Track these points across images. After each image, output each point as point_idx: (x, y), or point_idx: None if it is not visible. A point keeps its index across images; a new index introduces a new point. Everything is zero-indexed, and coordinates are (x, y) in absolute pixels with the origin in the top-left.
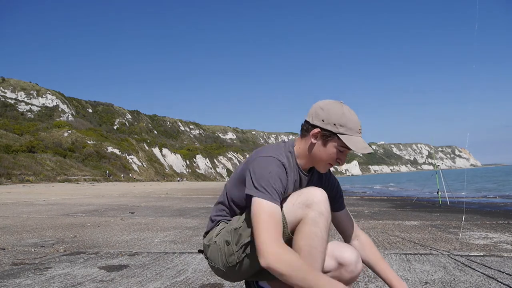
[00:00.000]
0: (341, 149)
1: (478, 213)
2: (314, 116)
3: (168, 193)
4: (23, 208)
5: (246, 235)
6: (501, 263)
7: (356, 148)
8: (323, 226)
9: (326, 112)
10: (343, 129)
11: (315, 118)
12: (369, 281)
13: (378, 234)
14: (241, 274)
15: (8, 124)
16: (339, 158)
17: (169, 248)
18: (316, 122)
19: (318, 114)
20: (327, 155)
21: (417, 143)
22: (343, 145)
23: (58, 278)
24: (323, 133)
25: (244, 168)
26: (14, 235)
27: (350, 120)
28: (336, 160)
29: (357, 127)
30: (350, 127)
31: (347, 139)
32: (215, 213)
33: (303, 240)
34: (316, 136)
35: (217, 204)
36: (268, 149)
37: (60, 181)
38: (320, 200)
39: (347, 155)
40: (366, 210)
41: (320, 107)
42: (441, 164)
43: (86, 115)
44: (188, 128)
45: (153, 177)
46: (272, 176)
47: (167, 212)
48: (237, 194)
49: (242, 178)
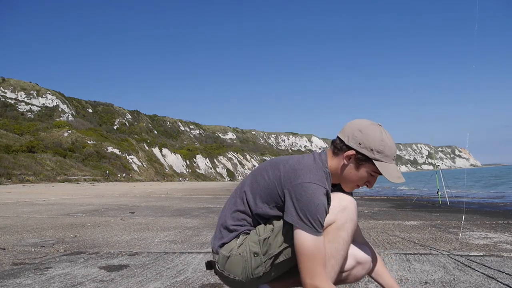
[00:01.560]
0: (373, 174)
1: (478, 213)
2: (350, 137)
3: (168, 193)
4: (23, 208)
5: (275, 245)
6: (501, 263)
7: (391, 178)
8: (351, 231)
9: (365, 135)
10: (380, 155)
11: (352, 140)
12: (369, 281)
13: (378, 234)
14: (258, 283)
15: (8, 124)
16: (368, 181)
17: (169, 248)
18: (352, 144)
19: (355, 136)
20: (358, 178)
21: (417, 143)
22: (376, 171)
23: (58, 278)
24: (358, 157)
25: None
26: (14, 235)
27: (388, 147)
28: (365, 183)
29: (394, 154)
30: (387, 154)
31: (382, 167)
32: (233, 222)
33: (330, 243)
34: (350, 158)
35: (235, 212)
36: (309, 170)
37: (60, 181)
38: (352, 207)
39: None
40: (366, 210)
41: (358, 129)
42: (441, 164)
43: (86, 115)
44: (188, 128)
45: (153, 177)
46: (319, 210)
47: (167, 212)
48: (265, 210)
49: (273, 194)
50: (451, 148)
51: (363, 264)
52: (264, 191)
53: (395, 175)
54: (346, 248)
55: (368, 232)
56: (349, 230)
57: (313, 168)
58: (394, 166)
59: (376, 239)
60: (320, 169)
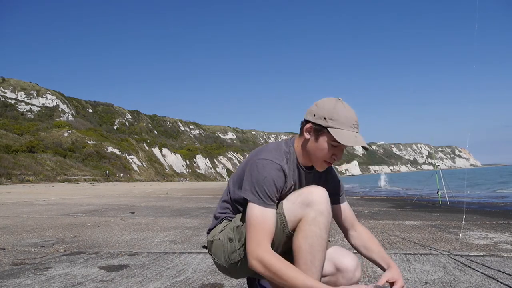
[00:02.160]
0: (334, 144)
1: (478, 213)
2: (308, 112)
3: (168, 193)
4: (23, 208)
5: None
6: (501, 263)
7: (346, 142)
8: (323, 225)
9: (319, 107)
10: (333, 123)
11: (308, 114)
12: (369, 281)
13: (378, 234)
14: (243, 271)
15: (8, 124)
16: (334, 154)
17: (169, 248)
18: (308, 117)
19: (311, 110)
20: (320, 150)
21: (417, 143)
22: (334, 139)
23: (58, 278)
24: (314, 128)
25: (244, 167)
26: (14, 235)
27: (343, 115)
28: (332, 157)
29: (350, 122)
30: (342, 121)
31: (336, 133)
32: (219, 211)
33: (303, 239)
34: (309, 132)
35: (222, 202)
36: (267, 150)
37: (60, 181)
38: (320, 200)
39: (343, 151)
40: (366, 210)
41: (315, 103)
42: (441, 164)
43: (86, 115)
44: (188, 128)
45: (153, 177)
46: (267, 181)
47: (167, 212)
48: (238, 194)
49: (242, 178)
50: (451, 148)
51: (343, 272)
52: (238, 177)
53: (351, 139)
54: (322, 244)
55: None
56: (322, 225)
57: (272, 149)
58: (351, 132)
59: (376, 239)
60: (280, 150)
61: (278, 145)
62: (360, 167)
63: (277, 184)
